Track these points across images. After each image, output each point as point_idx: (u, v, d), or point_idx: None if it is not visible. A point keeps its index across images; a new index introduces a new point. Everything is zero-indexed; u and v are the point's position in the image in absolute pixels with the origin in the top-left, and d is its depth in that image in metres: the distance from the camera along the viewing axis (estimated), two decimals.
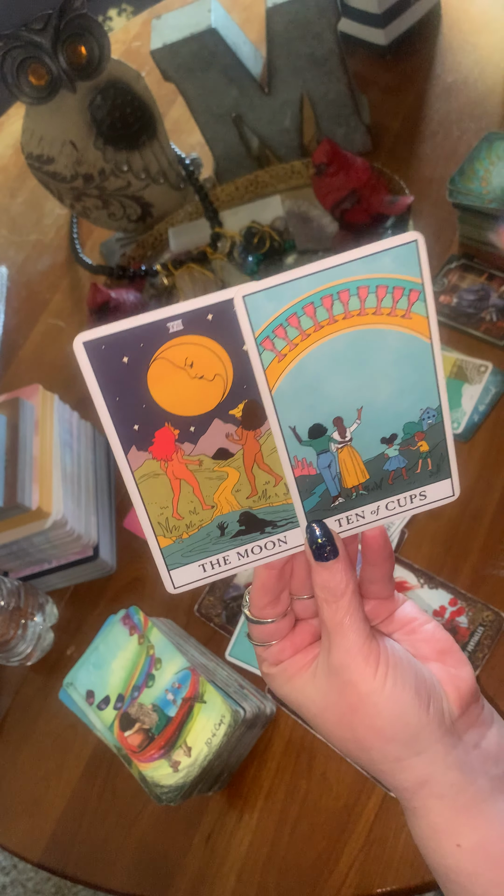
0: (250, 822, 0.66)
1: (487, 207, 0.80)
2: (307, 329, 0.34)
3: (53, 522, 0.74)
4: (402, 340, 0.35)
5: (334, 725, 0.39)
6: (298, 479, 0.38)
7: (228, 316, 0.34)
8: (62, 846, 0.70)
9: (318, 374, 0.35)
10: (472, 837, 0.38)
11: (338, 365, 0.35)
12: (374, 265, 0.33)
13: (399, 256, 0.34)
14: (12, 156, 1.27)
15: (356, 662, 0.37)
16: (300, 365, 0.35)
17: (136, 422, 0.35)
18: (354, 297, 0.34)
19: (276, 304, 0.33)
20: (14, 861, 1.47)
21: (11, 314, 1.08)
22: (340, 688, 0.38)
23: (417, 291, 0.34)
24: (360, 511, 0.39)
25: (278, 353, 0.34)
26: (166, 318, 0.33)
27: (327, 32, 0.88)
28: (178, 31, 0.89)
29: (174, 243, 0.98)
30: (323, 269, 0.33)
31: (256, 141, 1.00)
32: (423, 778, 0.38)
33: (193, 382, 0.35)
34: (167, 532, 0.38)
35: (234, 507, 0.38)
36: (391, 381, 0.36)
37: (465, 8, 1.09)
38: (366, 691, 0.37)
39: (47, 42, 0.82)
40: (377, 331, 0.35)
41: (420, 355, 0.36)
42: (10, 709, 0.78)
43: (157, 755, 0.59)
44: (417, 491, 0.39)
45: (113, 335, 0.33)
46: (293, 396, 0.35)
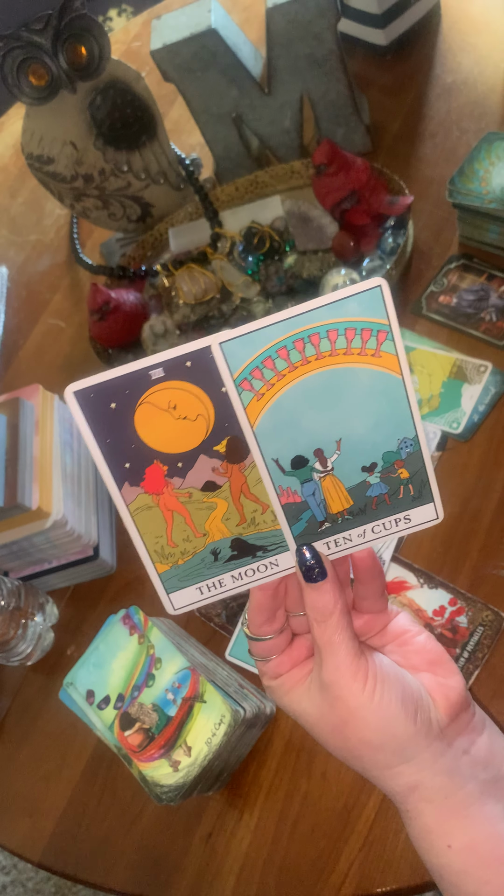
0: (250, 821, 0.66)
1: (487, 207, 0.80)
2: (282, 370, 0.37)
3: (54, 522, 0.74)
4: (373, 377, 0.38)
5: (328, 736, 0.41)
6: (285, 506, 0.40)
7: (205, 361, 0.36)
8: (62, 846, 0.70)
9: (296, 410, 0.38)
10: (462, 839, 0.40)
11: (314, 401, 0.38)
12: (340, 311, 0.36)
13: (364, 301, 0.36)
14: (12, 156, 1.27)
15: (345, 679, 0.40)
16: (278, 403, 0.37)
17: (126, 460, 0.38)
18: (325, 340, 0.36)
19: (250, 350, 0.36)
20: (14, 861, 1.48)
21: (11, 314, 1.08)
22: (331, 702, 0.40)
23: (385, 332, 0.37)
24: (347, 535, 0.42)
25: (256, 393, 0.37)
26: (148, 367, 0.36)
27: (327, 33, 0.88)
28: (178, 32, 0.89)
29: (174, 243, 0.98)
30: (292, 317, 0.36)
31: (256, 141, 1.00)
32: (412, 783, 0.40)
33: (178, 423, 0.38)
34: (163, 559, 0.41)
35: (225, 535, 0.41)
36: (366, 415, 0.38)
37: (465, 8, 1.09)
38: (354, 706, 0.40)
39: (47, 42, 0.82)
40: (349, 369, 0.37)
41: (392, 390, 0.38)
42: (11, 708, 0.78)
43: (157, 755, 0.59)
44: (402, 515, 0.42)
45: (100, 384, 0.36)
46: (273, 431, 0.38)
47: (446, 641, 0.67)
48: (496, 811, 0.40)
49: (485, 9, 1.08)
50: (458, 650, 0.66)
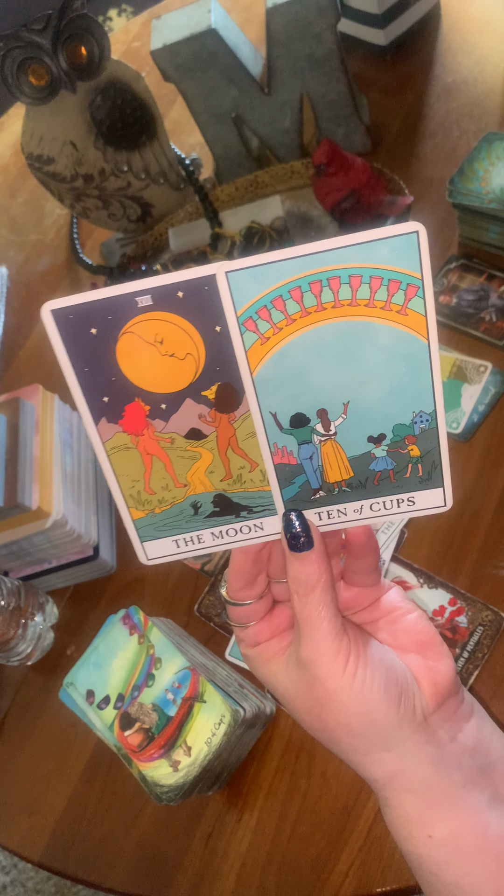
0: (250, 821, 0.66)
1: (487, 208, 0.80)
2: (293, 314, 0.33)
3: (54, 522, 0.74)
4: (395, 337, 0.33)
5: (304, 714, 0.39)
6: (278, 466, 0.37)
7: (201, 294, 0.33)
8: (62, 846, 0.70)
9: (303, 362, 0.34)
10: (444, 830, 0.38)
11: (324, 356, 0.34)
12: (369, 254, 0.32)
13: (397, 247, 0.32)
14: (12, 156, 1.27)
15: (324, 658, 0.37)
16: (283, 351, 0.34)
17: (105, 394, 0.35)
18: (345, 286, 0.32)
19: (260, 285, 0.32)
20: (14, 860, 1.48)
21: (11, 314, 1.08)
22: (308, 681, 0.38)
23: (416, 286, 0.32)
24: (343, 508, 0.38)
25: (261, 336, 0.33)
26: (134, 292, 0.32)
27: (327, 33, 0.88)
28: (178, 32, 0.89)
29: (174, 243, 0.98)
30: (313, 253, 0.31)
31: (256, 141, 1.00)
32: (393, 772, 0.38)
33: (164, 360, 0.34)
34: (139, 505, 0.38)
35: (207, 488, 0.38)
36: (382, 380, 0.34)
37: (465, 8, 1.09)
38: (333, 688, 0.37)
39: (47, 42, 0.82)
40: (369, 324, 0.33)
41: (415, 355, 0.34)
42: (11, 708, 0.78)
43: (157, 755, 0.59)
44: (406, 496, 0.38)
45: (80, 305, 0.33)
46: (275, 382, 0.34)
47: (446, 641, 0.67)
48: (480, 801, 0.38)
49: (485, 9, 1.08)
50: (457, 650, 0.66)
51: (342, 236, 0.31)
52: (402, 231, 0.31)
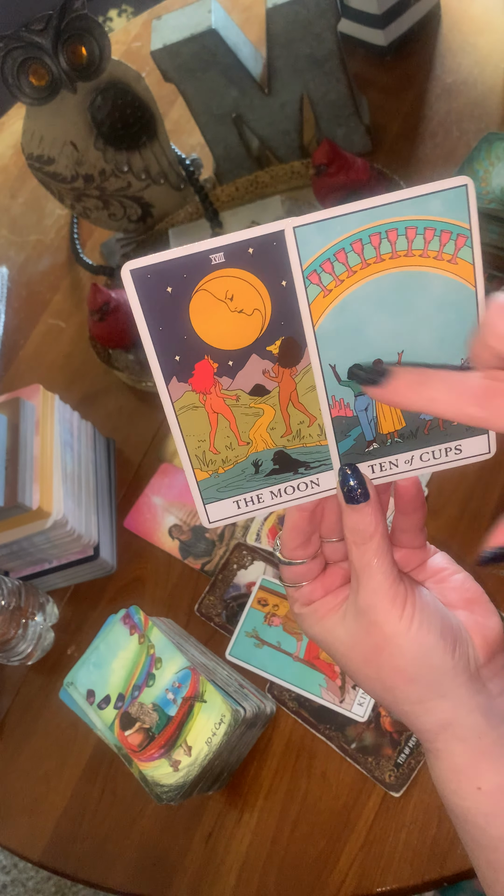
0: (250, 821, 0.66)
1: (487, 208, 0.80)
2: (354, 266, 0.34)
3: (54, 522, 0.74)
4: (446, 286, 0.35)
5: (360, 664, 0.39)
6: (335, 419, 0.38)
7: (269, 250, 0.34)
8: (62, 845, 0.70)
9: (362, 313, 0.35)
10: (494, 780, 0.38)
11: (381, 306, 0.35)
12: (423, 207, 0.33)
13: (448, 200, 0.33)
14: (13, 156, 1.27)
15: (382, 604, 0.38)
16: (344, 303, 0.35)
17: (177, 353, 0.35)
18: (402, 238, 0.34)
19: (325, 238, 0.33)
20: (14, 860, 1.48)
21: (12, 314, 1.08)
22: (367, 627, 0.38)
23: (465, 237, 0.34)
24: (394, 459, 0.39)
25: (324, 289, 0.34)
26: (209, 249, 0.33)
27: (327, 33, 0.88)
28: (178, 32, 0.89)
29: (174, 244, 0.98)
30: (372, 207, 0.33)
31: (256, 141, 1.00)
32: (445, 720, 0.38)
33: (233, 316, 0.35)
34: (204, 465, 0.38)
35: (268, 445, 0.38)
36: (433, 328, 0.35)
37: (465, 9, 1.09)
38: (391, 632, 0.38)
39: (48, 43, 0.82)
40: (423, 273, 0.34)
41: (464, 302, 0.35)
42: (11, 708, 0.78)
43: (158, 754, 0.60)
44: (453, 444, 0.39)
45: (158, 264, 0.33)
46: (335, 335, 0.35)
47: None
48: None
49: (485, 9, 1.08)
50: None
51: (399, 191, 0.33)
52: (453, 185, 0.33)
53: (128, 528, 0.83)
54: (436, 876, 0.60)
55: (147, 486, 0.85)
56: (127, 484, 0.87)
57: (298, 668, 0.69)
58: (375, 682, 0.39)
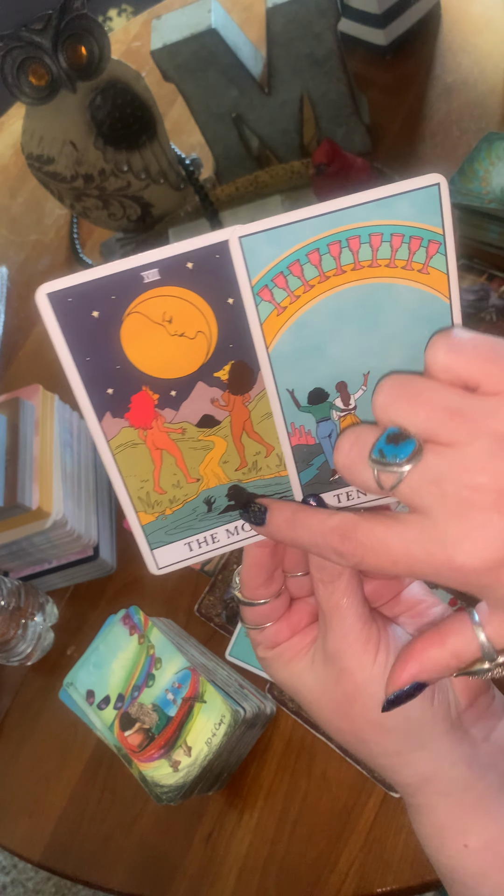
0: (250, 821, 0.66)
1: (487, 208, 0.80)
2: (311, 280, 0.30)
3: (53, 522, 0.74)
4: (418, 299, 0.31)
5: (331, 715, 0.37)
6: (295, 448, 0.34)
7: (212, 264, 0.30)
8: (62, 846, 0.70)
9: (322, 332, 0.31)
10: (481, 837, 0.36)
11: (344, 323, 0.31)
12: (389, 210, 0.30)
13: (418, 201, 0.30)
14: (12, 156, 1.27)
15: (353, 649, 0.35)
16: (301, 320, 0.31)
17: (109, 385, 0.31)
18: (366, 246, 0.30)
19: (276, 249, 0.29)
20: (14, 861, 1.48)
21: (12, 314, 1.08)
22: (337, 676, 0.36)
23: (437, 243, 0.30)
24: None
25: (277, 306, 0.30)
26: (140, 265, 0.30)
27: (327, 33, 0.88)
28: (178, 32, 0.89)
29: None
30: (331, 212, 0.29)
31: (256, 141, 1.00)
32: (427, 774, 0.36)
33: (173, 340, 0.31)
34: (148, 508, 0.35)
35: (221, 481, 0.35)
36: (404, 345, 0.32)
37: (465, 8, 1.09)
38: (363, 680, 0.35)
39: (47, 42, 0.82)
40: (390, 286, 0.31)
41: (438, 316, 0.32)
42: (11, 709, 0.78)
43: (157, 755, 0.59)
44: None
45: (80, 285, 0.30)
46: (293, 356, 0.32)
47: None
48: None
49: (485, 9, 1.08)
50: None
51: (360, 192, 0.29)
52: (423, 184, 0.29)
53: (127, 528, 0.83)
54: (436, 877, 0.60)
55: None
56: None
57: None
58: (348, 734, 0.37)
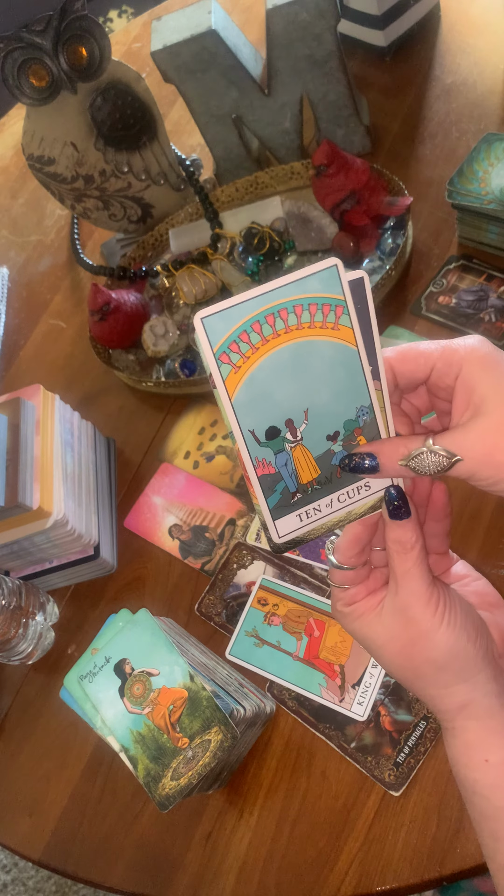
0: (250, 820, 0.66)
1: (486, 208, 0.80)
2: (256, 343, 0.39)
3: (54, 522, 0.74)
4: (333, 349, 0.40)
5: (395, 655, 0.45)
6: (261, 478, 0.42)
7: None
8: (63, 845, 0.70)
9: (268, 381, 0.40)
10: (500, 754, 0.44)
11: (283, 372, 0.40)
12: (304, 287, 0.39)
13: (323, 279, 0.39)
14: (13, 157, 1.27)
15: (419, 603, 0.43)
16: (252, 375, 0.39)
17: None
18: (292, 314, 0.39)
19: (228, 324, 0.38)
20: (15, 859, 1.48)
21: (12, 315, 1.08)
22: (404, 623, 0.44)
23: (341, 306, 0.40)
24: (317, 505, 0.44)
25: (234, 366, 0.39)
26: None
27: (327, 34, 0.88)
28: (178, 33, 0.89)
29: (174, 244, 0.98)
30: (264, 293, 0.38)
31: (256, 142, 1.00)
32: (464, 701, 0.44)
33: None
34: None
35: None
36: (329, 385, 0.41)
37: (465, 10, 1.09)
38: (425, 628, 0.43)
39: (48, 43, 0.82)
40: (313, 342, 0.40)
41: (349, 361, 0.41)
42: (11, 708, 0.78)
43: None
44: (362, 483, 0.44)
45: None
46: (249, 403, 0.40)
47: None
48: None
49: (484, 10, 1.08)
50: None
51: (283, 277, 0.39)
52: (324, 266, 0.39)
53: (128, 527, 0.84)
54: (435, 875, 0.60)
55: (147, 486, 0.85)
56: (127, 484, 0.87)
57: (298, 668, 0.69)
58: (408, 670, 0.45)
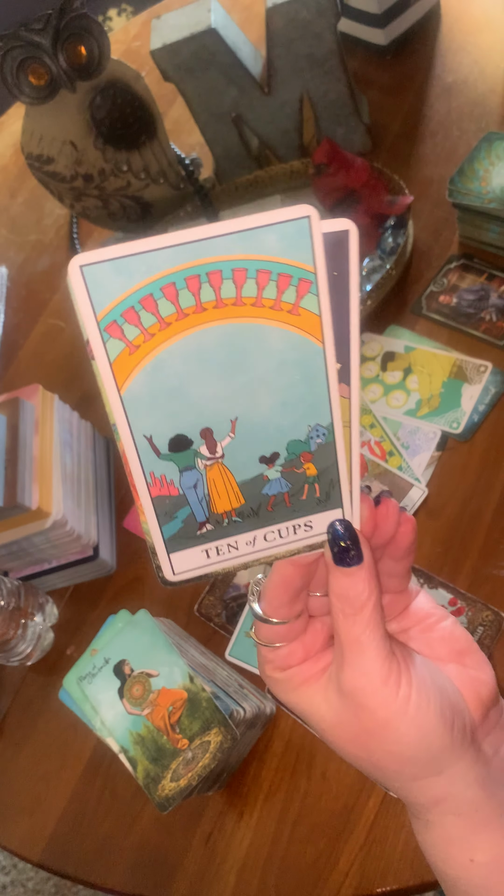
0: (250, 821, 0.66)
1: (487, 207, 0.80)
2: (167, 317, 0.27)
3: (53, 522, 0.74)
4: (287, 341, 0.29)
5: (346, 743, 0.36)
6: (156, 499, 0.31)
7: None
8: (62, 846, 0.70)
9: (182, 374, 0.29)
10: (488, 853, 0.36)
11: (207, 365, 0.29)
12: (254, 243, 0.27)
13: (286, 235, 0.27)
14: (12, 156, 1.27)
15: (373, 685, 0.33)
16: (158, 361, 0.28)
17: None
18: (228, 282, 0.27)
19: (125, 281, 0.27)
20: (14, 861, 1.48)
21: (11, 314, 1.08)
22: (355, 711, 0.34)
23: (308, 282, 0.28)
24: (233, 541, 0.33)
25: (129, 344, 0.28)
26: None
27: (327, 32, 0.88)
28: (177, 31, 0.89)
29: None
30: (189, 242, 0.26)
31: (256, 141, 1.00)
32: (440, 796, 0.35)
33: None
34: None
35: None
36: (273, 391, 0.30)
37: (465, 8, 1.09)
38: (385, 717, 0.33)
39: (47, 42, 0.82)
40: (257, 327, 0.28)
41: (309, 361, 0.29)
42: (10, 709, 0.78)
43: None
44: (302, 521, 0.33)
45: None
46: (149, 399, 0.29)
47: None
48: None
49: (485, 8, 1.08)
50: None
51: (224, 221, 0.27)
52: (291, 216, 0.27)
53: (127, 528, 0.83)
54: (435, 877, 0.60)
55: None
56: (126, 484, 0.86)
57: None
58: (364, 761, 0.36)
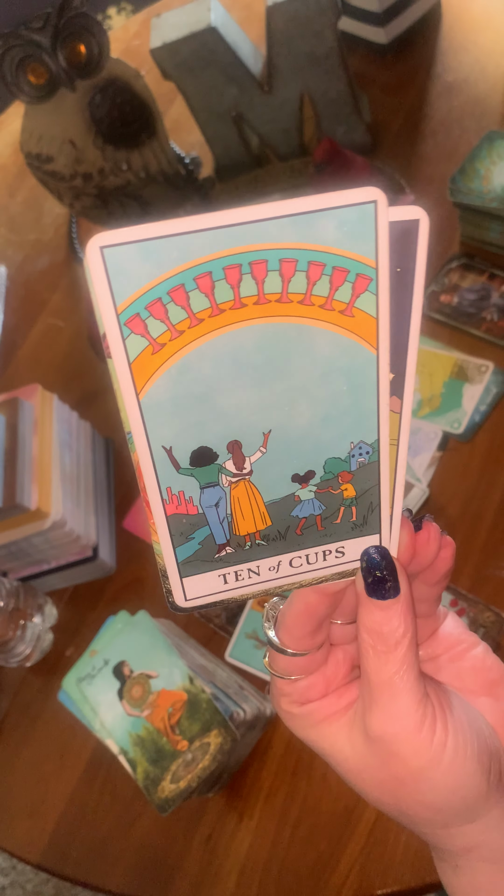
0: (250, 823, 0.65)
1: (488, 206, 0.79)
2: (199, 312, 0.23)
3: (53, 523, 0.73)
4: (336, 346, 0.25)
5: (372, 789, 0.32)
6: (171, 518, 0.28)
7: None
8: (61, 847, 0.70)
9: (212, 379, 0.25)
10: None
11: (241, 370, 0.25)
12: (308, 230, 0.23)
13: (347, 222, 0.23)
14: (11, 155, 1.27)
15: (406, 731, 0.30)
16: (185, 363, 0.24)
17: None
18: (274, 275, 0.23)
19: (153, 267, 0.22)
20: (13, 862, 1.47)
21: (10, 314, 1.08)
22: (384, 758, 0.30)
23: (367, 279, 0.24)
24: (255, 566, 0.30)
25: (153, 342, 0.24)
26: None
27: (327, 31, 0.88)
28: (177, 30, 0.89)
29: None
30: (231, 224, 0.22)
31: (256, 140, 1.00)
32: (472, 844, 0.33)
33: None
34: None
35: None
36: (315, 402, 0.26)
37: (466, 6, 1.08)
38: (418, 766, 0.30)
39: (46, 41, 0.81)
40: (303, 328, 0.25)
41: (359, 370, 0.26)
42: (10, 710, 0.78)
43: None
44: (334, 546, 0.30)
45: None
46: (171, 407, 0.25)
47: None
48: None
49: (486, 7, 1.07)
50: None
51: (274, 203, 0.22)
52: (354, 200, 0.22)
53: (127, 528, 0.83)
54: (437, 878, 0.60)
55: None
56: (126, 484, 0.86)
57: None
58: (391, 808, 0.33)
